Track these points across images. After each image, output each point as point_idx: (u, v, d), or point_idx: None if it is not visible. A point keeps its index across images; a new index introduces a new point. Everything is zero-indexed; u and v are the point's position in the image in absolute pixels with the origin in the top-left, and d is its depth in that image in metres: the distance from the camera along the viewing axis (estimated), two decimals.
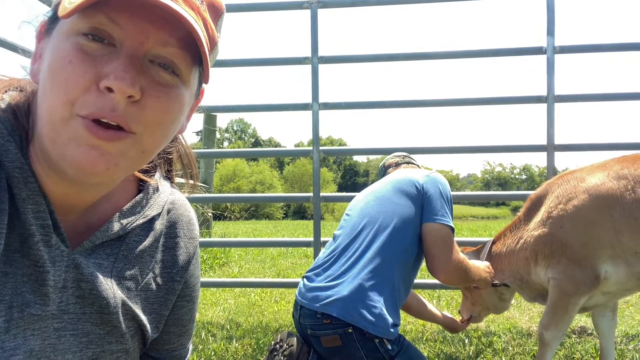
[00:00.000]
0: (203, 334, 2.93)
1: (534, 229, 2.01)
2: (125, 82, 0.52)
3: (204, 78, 0.63)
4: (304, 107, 3.19)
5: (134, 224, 0.70)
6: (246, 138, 79.56)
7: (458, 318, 2.31)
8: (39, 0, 2.88)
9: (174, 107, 0.60)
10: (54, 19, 0.58)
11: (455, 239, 1.81)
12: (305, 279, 1.77)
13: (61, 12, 0.53)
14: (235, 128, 79.42)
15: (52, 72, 0.54)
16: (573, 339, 2.78)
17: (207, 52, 0.58)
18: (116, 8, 0.53)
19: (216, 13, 0.64)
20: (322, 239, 3.12)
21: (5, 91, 0.63)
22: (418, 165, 2.17)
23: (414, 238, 1.75)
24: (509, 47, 3.09)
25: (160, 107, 0.57)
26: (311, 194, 3.18)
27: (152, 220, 0.74)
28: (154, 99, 0.57)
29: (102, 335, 0.67)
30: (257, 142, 78.72)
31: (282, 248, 7.22)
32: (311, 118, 3.13)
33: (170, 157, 0.82)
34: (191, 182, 0.85)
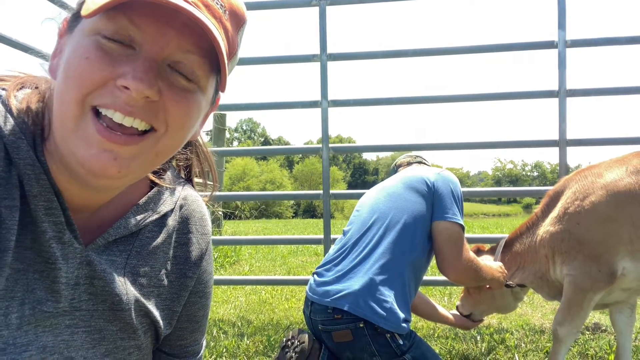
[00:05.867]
0: (215, 331, 2.95)
1: (550, 225, 1.98)
2: (144, 84, 0.52)
3: (221, 87, 0.63)
4: (313, 104, 3.19)
5: (147, 220, 0.71)
6: (255, 137, 79.80)
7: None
8: (49, 1, 2.90)
9: (192, 112, 0.60)
10: (76, 17, 0.58)
11: (467, 236, 1.80)
12: (315, 275, 1.78)
13: (84, 11, 0.53)
14: (244, 127, 79.71)
15: (68, 67, 0.55)
16: (587, 336, 2.75)
17: (226, 62, 0.58)
18: (139, 12, 0.54)
19: (238, 22, 0.64)
20: (332, 236, 3.12)
21: (20, 88, 0.63)
22: (429, 165, 2.16)
23: (425, 235, 1.74)
24: (520, 42, 3.06)
25: (180, 111, 0.58)
26: (321, 192, 3.18)
27: (164, 217, 0.74)
28: (173, 103, 0.57)
29: (115, 332, 0.67)
30: (266, 141, 78.89)
31: (293, 246, 7.23)
32: (320, 116, 3.13)
33: (182, 163, 0.83)
34: (210, 183, 0.85)
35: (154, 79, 0.54)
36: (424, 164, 2.17)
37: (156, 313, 0.72)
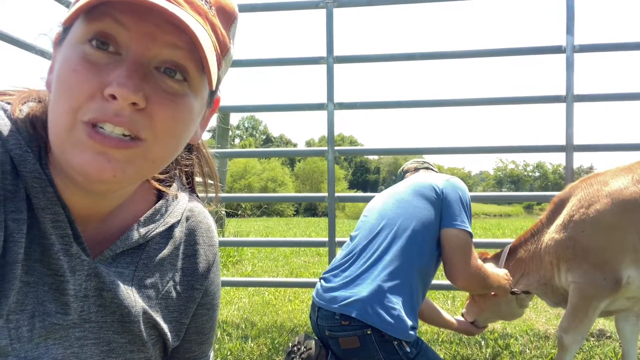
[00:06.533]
0: (219, 333, 2.95)
1: (554, 232, 1.98)
2: (128, 89, 0.51)
3: (209, 84, 0.60)
4: (319, 107, 3.18)
5: (154, 232, 0.70)
6: (257, 135, 79.85)
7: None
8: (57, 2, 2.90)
9: (182, 116, 0.58)
10: (66, 29, 0.58)
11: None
12: (322, 280, 1.77)
13: (64, 18, 0.53)
14: (246, 125, 79.78)
15: (58, 82, 0.54)
16: (592, 342, 2.74)
17: (207, 57, 0.56)
18: (122, 11, 0.53)
19: (228, 19, 0.63)
20: (337, 239, 3.12)
21: (25, 102, 0.63)
22: (436, 171, 2.17)
23: (433, 242, 1.74)
24: (528, 46, 3.05)
25: (167, 116, 0.56)
26: (326, 194, 3.18)
27: (171, 228, 0.73)
28: (160, 107, 0.55)
29: (124, 344, 0.67)
30: (268, 139, 78.93)
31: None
32: (326, 118, 3.12)
33: (187, 169, 0.82)
34: (211, 182, 0.84)
35: (139, 83, 0.53)
36: (431, 169, 2.17)
37: (164, 325, 0.72)
